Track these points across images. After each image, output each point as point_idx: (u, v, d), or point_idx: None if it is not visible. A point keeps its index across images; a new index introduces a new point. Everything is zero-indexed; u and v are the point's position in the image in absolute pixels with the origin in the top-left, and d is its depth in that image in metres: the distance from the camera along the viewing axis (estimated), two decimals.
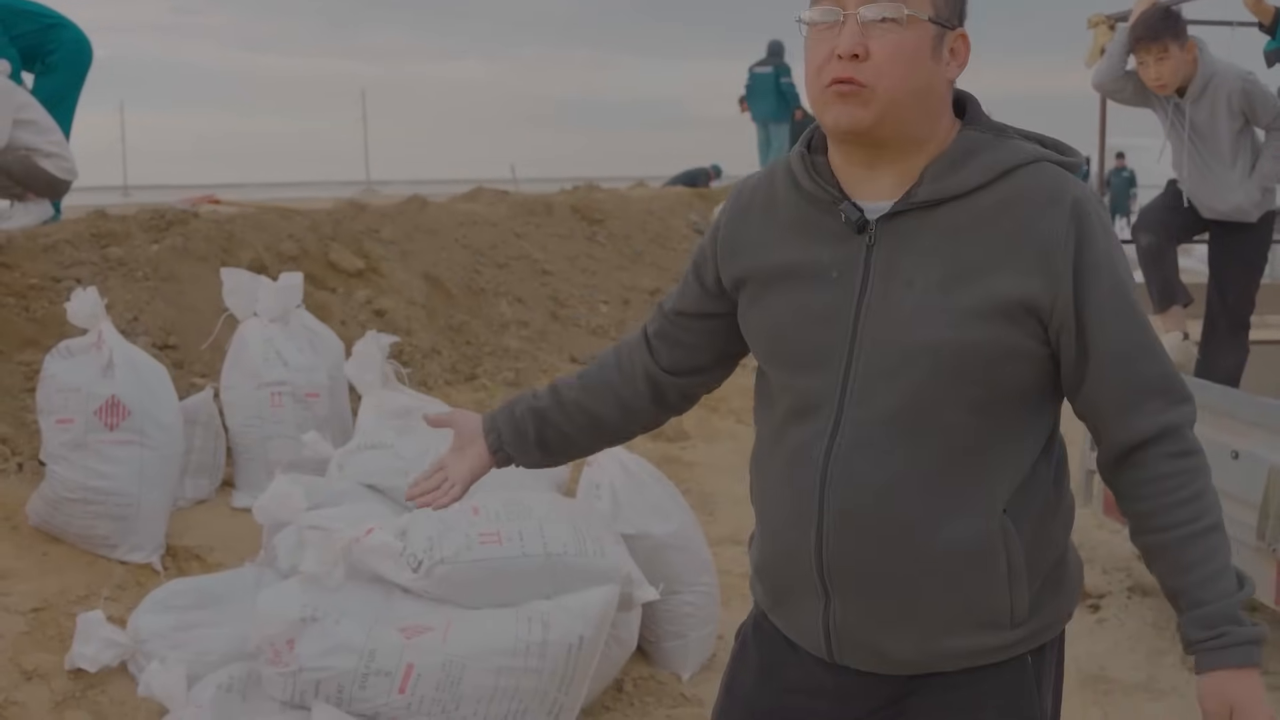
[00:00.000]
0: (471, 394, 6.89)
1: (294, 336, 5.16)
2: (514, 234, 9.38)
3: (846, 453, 1.83)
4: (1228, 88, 4.96)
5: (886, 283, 1.83)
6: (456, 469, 2.25)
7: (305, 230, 7.33)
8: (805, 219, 1.92)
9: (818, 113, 1.85)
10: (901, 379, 1.80)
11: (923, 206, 1.83)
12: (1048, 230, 1.78)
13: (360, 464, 4.23)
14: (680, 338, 2.16)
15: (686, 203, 12.94)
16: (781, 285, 1.93)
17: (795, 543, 1.90)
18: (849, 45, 1.77)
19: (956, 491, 1.83)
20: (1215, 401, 4.24)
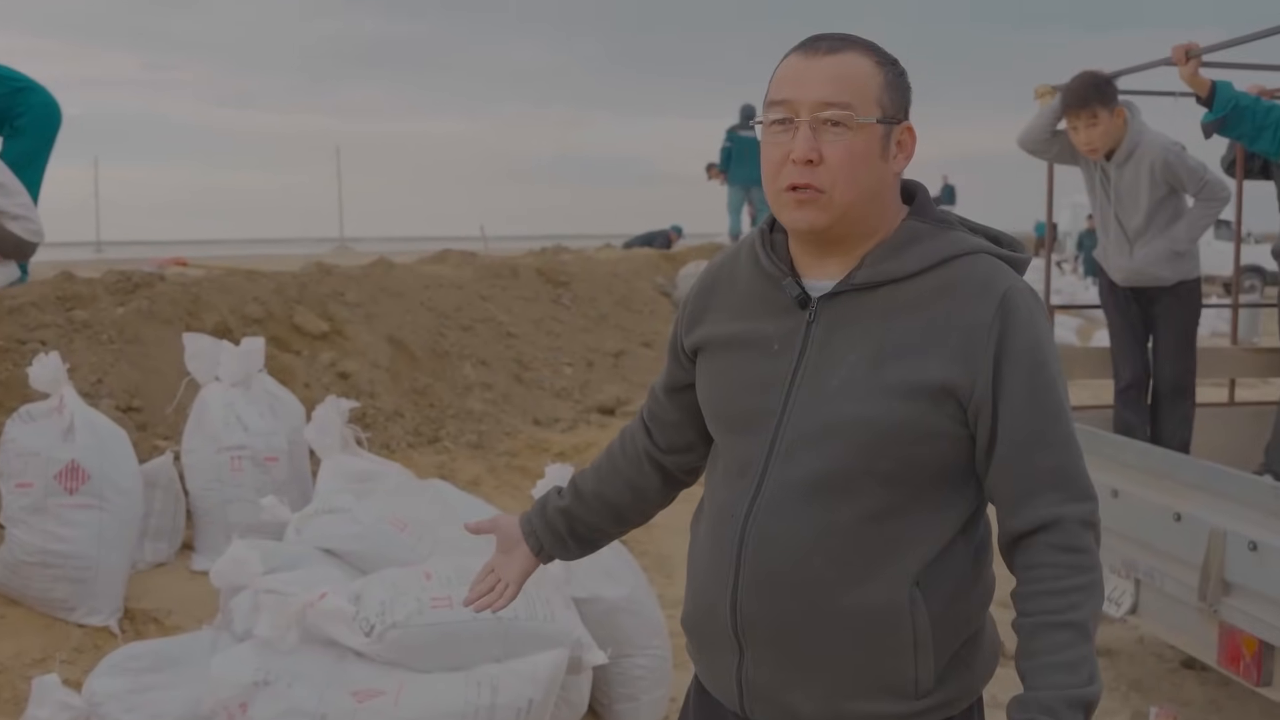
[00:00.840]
0: (434, 456, 6.95)
1: (255, 401, 5.22)
2: (479, 296, 9.47)
3: (764, 514, 1.92)
4: (1151, 156, 5.11)
5: (820, 357, 1.93)
6: (509, 571, 2.38)
7: (270, 293, 7.40)
8: (759, 292, 2.03)
9: (775, 211, 1.96)
10: (823, 447, 1.89)
11: (861, 288, 1.93)
12: (975, 319, 1.87)
13: (318, 528, 4.28)
14: (669, 416, 2.26)
15: (653, 265, 13.07)
16: (730, 352, 2.03)
17: (714, 597, 1.99)
18: (803, 151, 1.87)
19: (867, 559, 1.89)
20: (1157, 464, 4.35)
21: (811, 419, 1.91)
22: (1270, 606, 3.72)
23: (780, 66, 1.96)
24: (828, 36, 1.95)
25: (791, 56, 1.95)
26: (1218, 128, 4.60)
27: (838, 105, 1.88)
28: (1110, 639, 5.29)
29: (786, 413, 1.94)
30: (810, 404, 1.92)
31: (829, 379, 1.91)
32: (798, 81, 1.91)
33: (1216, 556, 3.93)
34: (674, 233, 17.75)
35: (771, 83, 1.97)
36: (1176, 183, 5.13)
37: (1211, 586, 3.94)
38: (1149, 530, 4.32)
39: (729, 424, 2.04)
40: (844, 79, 1.90)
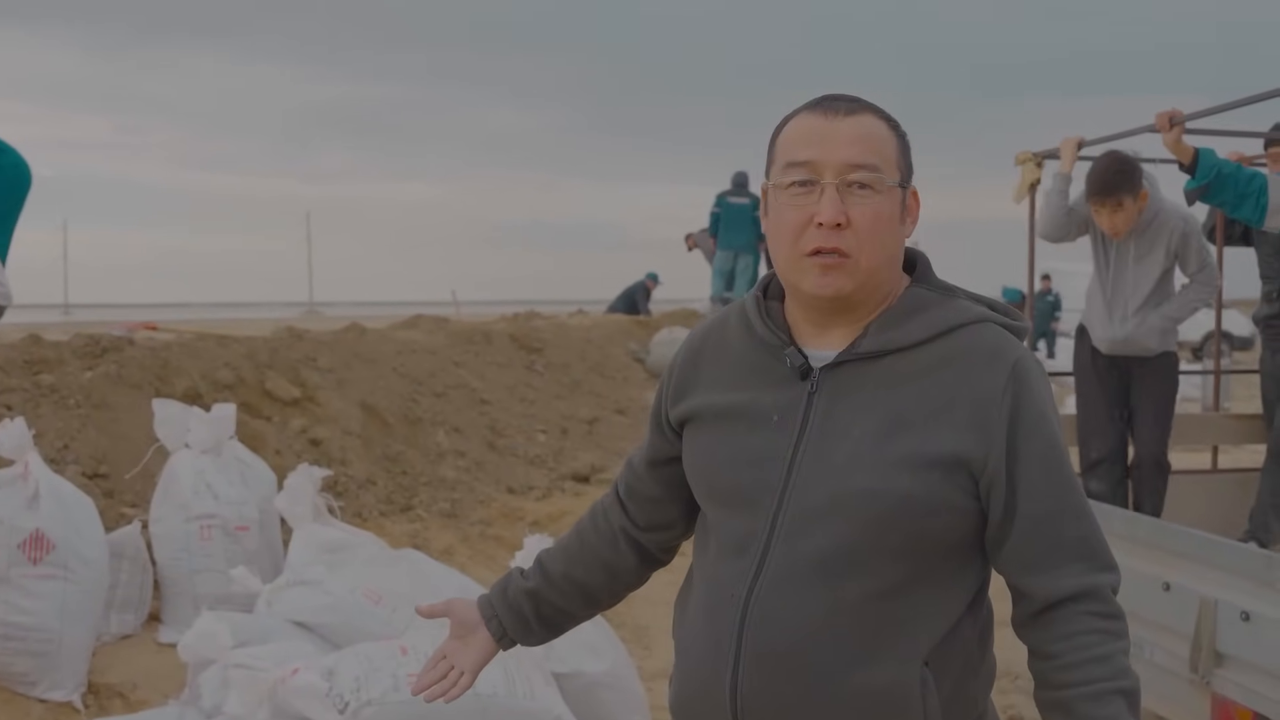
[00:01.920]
0: (407, 524, 6.85)
1: (225, 468, 5.12)
2: (452, 362, 9.41)
3: (768, 593, 1.83)
4: (1170, 227, 5.12)
5: (824, 429, 1.84)
6: (464, 659, 2.23)
7: (241, 358, 7.32)
8: (754, 362, 1.94)
9: (794, 277, 1.86)
10: (830, 524, 1.80)
11: (866, 358, 1.86)
12: (986, 388, 1.81)
13: (289, 601, 4.18)
14: (650, 491, 2.15)
15: (625, 331, 13.06)
16: (723, 424, 1.94)
17: (710, 682, 1.88)
18: (832, 214, 1.79)
19: (876, 638, 1.81)
20: (1146, 534, 4.29)
21: (817, 494, 1.82)
22: (1264, 678, 3.65)
23: (792, 126, 1.89)
24: (842, 97, 1.88)
25: (806, 116, 1.88)
26: (1200, 195, 4.59)
27: (866, 167, 1.81)
28: None
29: (789, 488, 1.84)
30: (815, 478, 1.83)
31: (835, 452, 1.83)
32: (821, 142, 1.83)
33: (1208, 627, 3.86)
34: (650, 281, 17.84)
35: (783, 143, 1.89)
36: (1183, 258, 5.15)
37: (1203, 658, 3.87)
38: (1137, 600, 4.23)
39: (725, 500, 1.93)
40: (867, 140, 1.83)
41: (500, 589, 2.24)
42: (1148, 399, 5.31)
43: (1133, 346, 5.28)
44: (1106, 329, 5.31)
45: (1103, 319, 5.33)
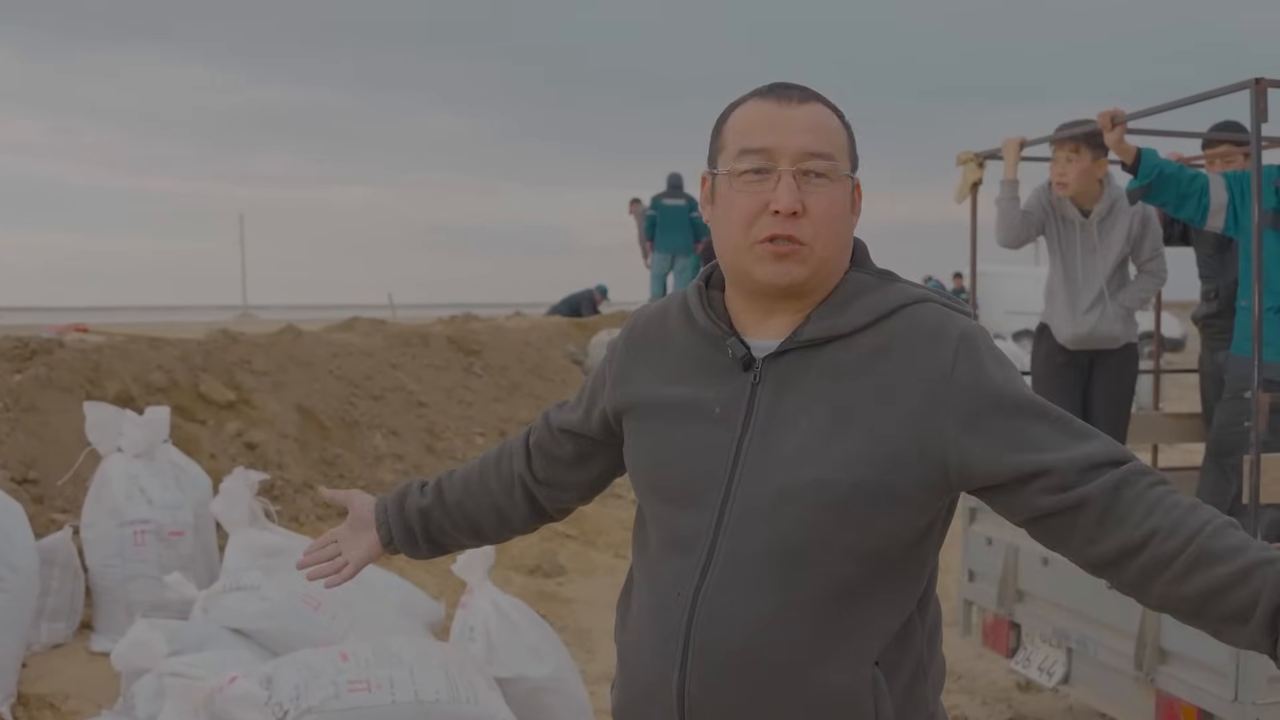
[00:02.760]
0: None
1: (159, 472, 5.02)
2: (389, 365, 9.30)
3: (716, 591, 1.77)
4: (1130, 212, 5.18)
5: (769, 421, 1.80)
6: (353, 551, 2.28)
7: (175, 360, 7.19)
8: (696, 354, 1.90)
9: (743, 266, 1.82)
10: (779, 519, 1.75)
11: (808, 345, 1.81)
12: (933, 365, 1.75)
13: (226, 607, 4.10)
14: (557, 453, 2.16)
15: (564, 333, 12.99)
16: (665, 418, 1.89)
17: (656, 684, 1.82)
18: (789, 202, 1.76)
19: (828, 638, 1.76)
20: None
21: (764, 488, 1.77)
22: (1209, 674, 3.68)
23: (744, 113, 1.84)
24: (793, 86, 1.84)
25: (759, 103, 1.83)
26: (1142, 194, 4.61)
27: (822, 155, 1.78)
28: (1039, 710, 5.23)
29: (735, 482, 1.79)
30: (762, 472, 1.78)
31: (782, 444, 1.77)
32: (776, 129, 1.79)
33: (1153, 624, 3.88)
34: (599, 293, 17.60)
35: (734, 130, 1.84)
36: (1140, 242, 5.19)
37: (1148, 655, 3.89)
38: (1081, 599, 4.27)
39: (668, 496, 1.88)
40: (822, 129, 1.80)
41: (397, 500, 2.27)
42: (1104, 397, 5.33)
43: (1099, 338, 5.29)
44: (1071, 323, 5.30)
45: (1066, 313, 5.33)
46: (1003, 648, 4.77)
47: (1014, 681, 5.41)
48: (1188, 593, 1.62)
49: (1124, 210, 5.19)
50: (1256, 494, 3.64)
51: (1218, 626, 1.63)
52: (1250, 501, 3.64)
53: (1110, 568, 1.70)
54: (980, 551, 4.89)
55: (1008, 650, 4.74)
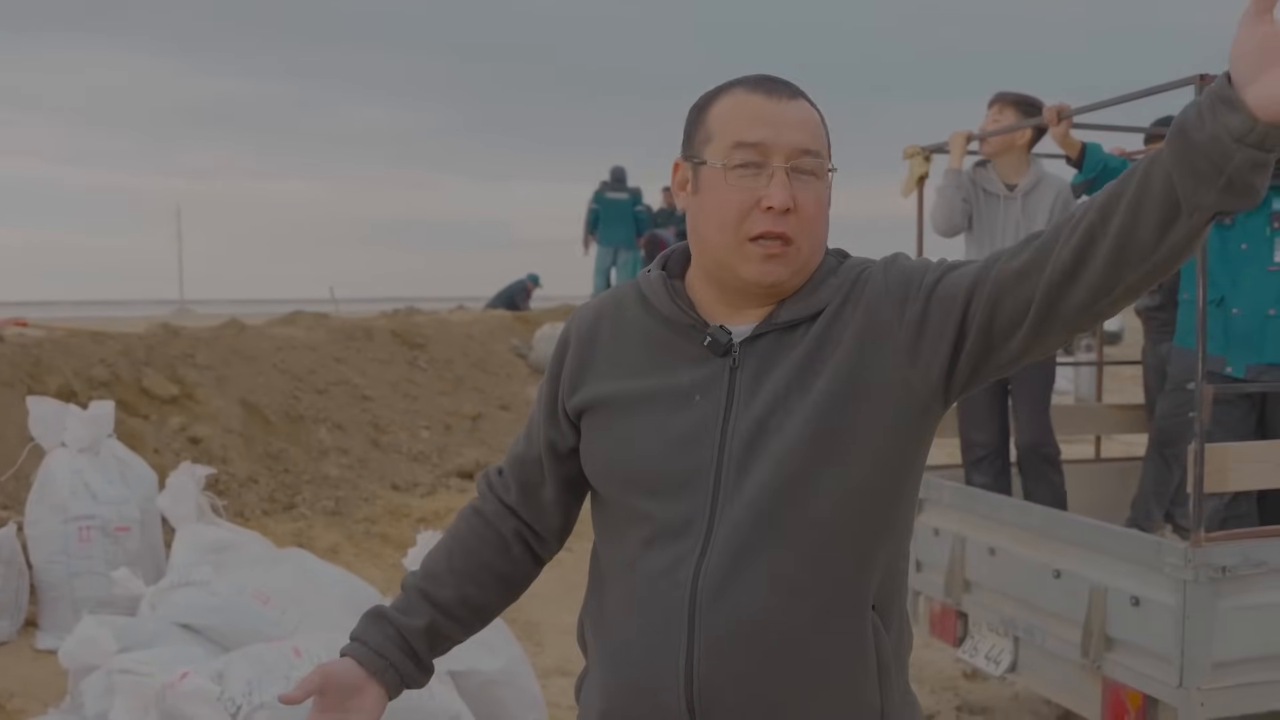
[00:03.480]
0: (290, 524, 6.71)
1: (104, 468, 4.96)
2: (334, 359, 9.25)
3: (718, 570, 1.77)
4: (1057, 186, 5.24)
5: (751, 403, 1.80)
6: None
7: (117, 355, 7.11)
8: (659, 342, 1.89)
9: (728, 262, 1.81)
10: (775, 489, 1.76)
11: (783, 327, 1.83)
12: (872, 292, 1.80)
13: (174, 602, 4.05)
14: (549, 491, 2.03)
15: (507, 326, 12.96)
16: (637, 411, 1.86)
17: (658, 675, 1.81)
18: (784, 199, 1.76)
19: (830, 591, 1.79)
20: (1037, 523, 4.35)
21: (756, 463, 1.78)
22: (1154, 661, 3.73)
23: (734, 104, 1.83)
24: (780, 80, 1.85)
25: (749, 95, 1.82)
26: (1086, 189, 4.68)
27: (812, 153, 1.79)
28: (986, 697, 5.29)
29: (725, 464, 1.80)
30: (751, 453, 1.79)
31: (767, 420, 1.79)
32: (770, 124, 1.79)
33: (1098, 612, 3.93)
34: (531, 282, 17.61)
35: (725, 121, 1.82)
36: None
37: (1094, 643, 3.94)
38: (1028, 588, 4.32)
39: (652, 488, 1.84)
40: (811, 126, 1.81)
41: (384, 638, 1.98)
42: (1024, 388, 5.35)
43: None
44: None
45: None
46: (950, 637, 4.82)
47: (961, 670, 5.47)
48: (1128, 231, 1.56)
49: (1049, 186, 5.25)
50: (1200, 483, 3.69)
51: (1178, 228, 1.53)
52: (1194, 490, 3.69)
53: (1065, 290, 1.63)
54: (928, 542, 4.93)
55: (955, 639, 4.79)
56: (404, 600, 2.00)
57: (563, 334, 2.01)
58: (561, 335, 2.01)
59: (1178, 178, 1.48)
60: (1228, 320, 4.45)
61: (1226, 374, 4.48)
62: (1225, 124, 1.43)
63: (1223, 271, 4.38)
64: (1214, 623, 3.63)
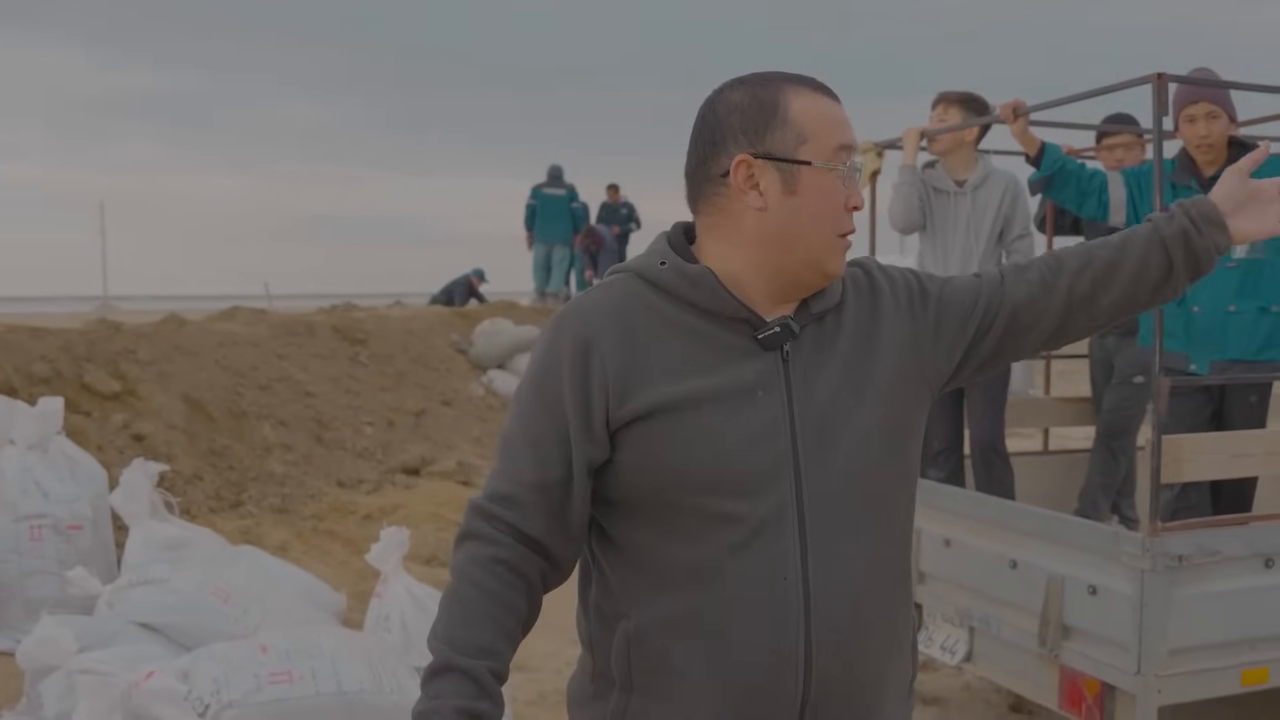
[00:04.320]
0: (238, 521, 6.64)
1: (54, 465, 4.89)
2: (275, 355, 9.17)
3: (824, 561, 1.81)
4: (1005, 181, 5.30)
5: (807, 392, 1.85)
6: None
7: (57, 351, 7.01)
8: (706, 337, 1.85)
9: (822, 259, 1.86)
10: (850, 476, 1.84)
11: (816, 319, 1.91)
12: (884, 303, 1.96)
13: (133, 601, 4.02)
14: (583, 513, 1.86)
15: (447, 322, 12.90)
16: (706, 410, 1.80)
17: (779, 672, 1.80)
18: (860, 199, 1.90)
19: (901, 571, 1.94)
20: (993, 514, 4.41)
21: (831, 452, 1.84)
22: (1112, 648, 3.79)
23: (816, 106, 1.84)
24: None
25: (822, 98, 1.86)
26: (1043, 186, 4.73)
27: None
28: (939, 687, 5.35)
29: (800, 456, 1.81)
30: (821, 439, 1.84)
31: (827, 410, 1.85)
32: (848, 126, 1.89)
33: (1056, 602, 3.99)
34: (475, 277, 17.48)
35: (812, 120, 1.83)
36: (1009, 219, 5.29)
37: (1051, 631, 4.00)
38: (984, 578, 4.38)
39: (732, 489, 1.79)
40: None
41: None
42: (980, 387, 5.39)
43: None
44: None
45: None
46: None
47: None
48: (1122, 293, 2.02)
49: (998, 181, 5.32)
50: (1158, 474, 3.76)
51: (1156, 296, 2.05)
52: (1151, 481, 3.76)
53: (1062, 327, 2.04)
54: None
55: None
56: (472, 686, 1.74)
57: (573, 340, 1.84)
58: (572, 342, 1.84)
59: (1178, 260, 2.01)
60: (1189, 318, 4.52)
61: (1190, 371, 4.55)
62: (1215, 240, 2.01)
63: None
64: (1170, 611, 3.70)
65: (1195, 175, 4.54)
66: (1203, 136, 4.42)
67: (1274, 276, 4.55)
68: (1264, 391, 4.67)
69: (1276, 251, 4.52)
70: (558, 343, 1.84)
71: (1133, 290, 2.01)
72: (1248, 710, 4.52)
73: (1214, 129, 4.42)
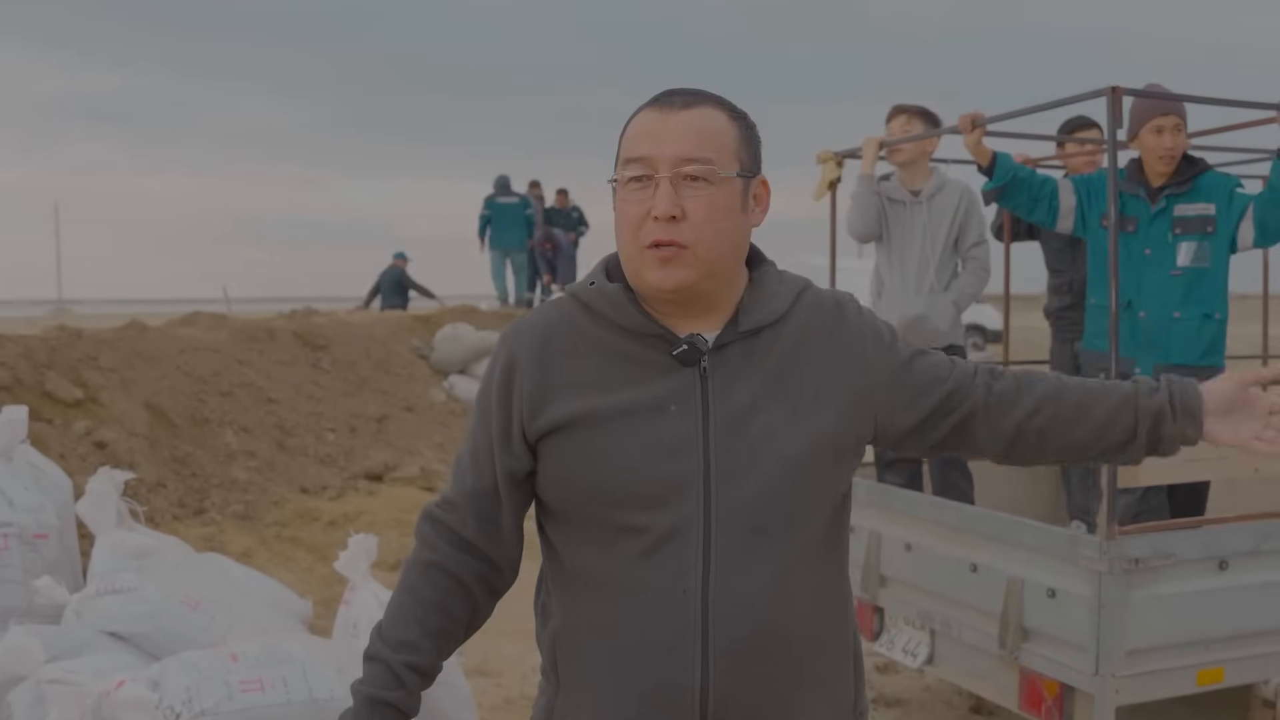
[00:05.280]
0: (201, 528, 6.64)
1: (18, 474, 4.86)
2: (236, 360, 9.15)
3: (726, 578, 1.81)
4: (959, 190, 5.42)
5: (728, 409, 1.85)
6: None
7: (17, 357, 6.97)
8: (622, 354, 1.90)
9: (635, 272, 1.87)
10: (763, 497, 1.83)
11: (746, 335, 1.89)
12: (843, 336, 1.95)
13: (101, 610, 4.01)
14: (513, 520, 1.98)
15: (407, 328, 12.90)
16: (613, 425, 1.86)
17: (675, 683, 1.83)
18: (666, 207, 1.81)
19: (818, 593, 1.90)
20: (953, 518, 4.48)
21: (744, 471, 1.84)
22: (1070, 650, 3.87)
23: (632, 123, 1.90)
24: (681, 91, 1.90)
25: (644, 112, 1.89)
26: (996, 196, 4.82)
27: (698, 160, 1.83)
28: (900, 689, 5.42)
29: (712, 470, 1.84)
30: (737, 457, 1.84)
31: (747, 427, 1.85)
32: (655, 137, 1.85)
33: (1015, 604, 4.07)
34: (399, 259, 17.96)
35: (624, 140, 1.90)
36: (964, 227, 5.38)
37: (1011, 634, 4.07)
38: (945, 582, 4.45)
39: (639, 501, 1.85)
40: (702, 133, 1.85)
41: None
42: None
43: (925, 329, 5.32)
44: (902, 305, 5.40)
45: (898, 297, 5.44)
46: (867, 631, 4.93)
47: (874, 663, 5.59)
48: (1079, 438, 2.01)
49: (952, 191, 5.42)
50: (1114, 478, 3.84)
51: (1108, 456, 2.03)
52: (1107, 485, 3.84)
53: (1012, 447, 2.02)
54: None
55: (872, 634, 4.91)
56: (389, 676, 1.89)
57: (503, 358, 1.95)
58: (502, 359, 1.95)
59: (1142, 433, 1.98)
60: (1135, 323, 4.61)
61: (1135, 374, 4.64)
62: (1184, 432, 1.97)
63: (1129, 276, 4.53)
64: (1127, 612, 3.79)
65: (1144, 184, 4.64)
66: (1168, 148, 4.53)
67: (1217, 285, 4.65)
68: None
69: (1220, 261, 4.62)
70: (494, 359, 1.98)
71: (1089, 440, 2.00)
72: (1203, 710, 4.61)
73: (1179, 141, 4.54)
